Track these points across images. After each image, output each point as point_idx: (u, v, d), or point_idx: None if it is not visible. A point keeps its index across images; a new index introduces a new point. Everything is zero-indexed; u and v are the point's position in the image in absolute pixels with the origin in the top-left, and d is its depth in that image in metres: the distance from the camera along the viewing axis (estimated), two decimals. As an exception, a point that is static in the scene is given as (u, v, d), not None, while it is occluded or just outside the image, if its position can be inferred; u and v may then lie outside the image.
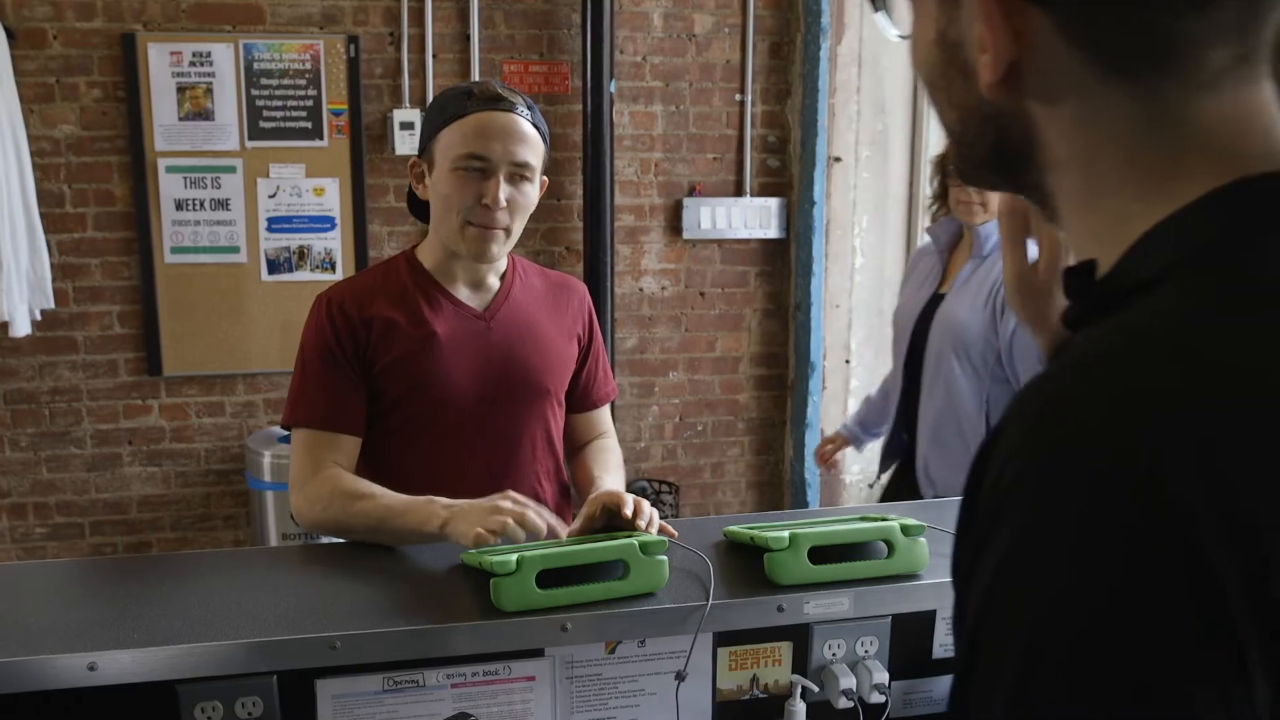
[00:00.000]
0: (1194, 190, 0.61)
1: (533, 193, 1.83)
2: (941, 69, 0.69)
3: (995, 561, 0.57)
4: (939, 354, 2.58)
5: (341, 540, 1.83)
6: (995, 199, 2.39)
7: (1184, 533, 0.52)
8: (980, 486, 0.61)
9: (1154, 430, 0.53)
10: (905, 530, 1.61)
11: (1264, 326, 0.56)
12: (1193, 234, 0.60)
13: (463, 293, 1.90)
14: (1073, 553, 0.54)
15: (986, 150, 0.70)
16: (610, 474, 1.96)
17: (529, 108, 1.82)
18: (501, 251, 1.85)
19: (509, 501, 1.62)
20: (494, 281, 1.93)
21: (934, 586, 1.61)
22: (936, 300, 2.66)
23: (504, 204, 1.78)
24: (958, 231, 2.69)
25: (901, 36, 0.74)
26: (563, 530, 1.68)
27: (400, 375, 1.85)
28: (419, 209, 1.98)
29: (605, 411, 2.11)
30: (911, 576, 1.61)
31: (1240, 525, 0.52)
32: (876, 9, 0.75)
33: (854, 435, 3.12)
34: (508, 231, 1.82)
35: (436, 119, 1.81)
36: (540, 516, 1.60)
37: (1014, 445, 0.58)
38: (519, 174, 1.80)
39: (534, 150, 1.81)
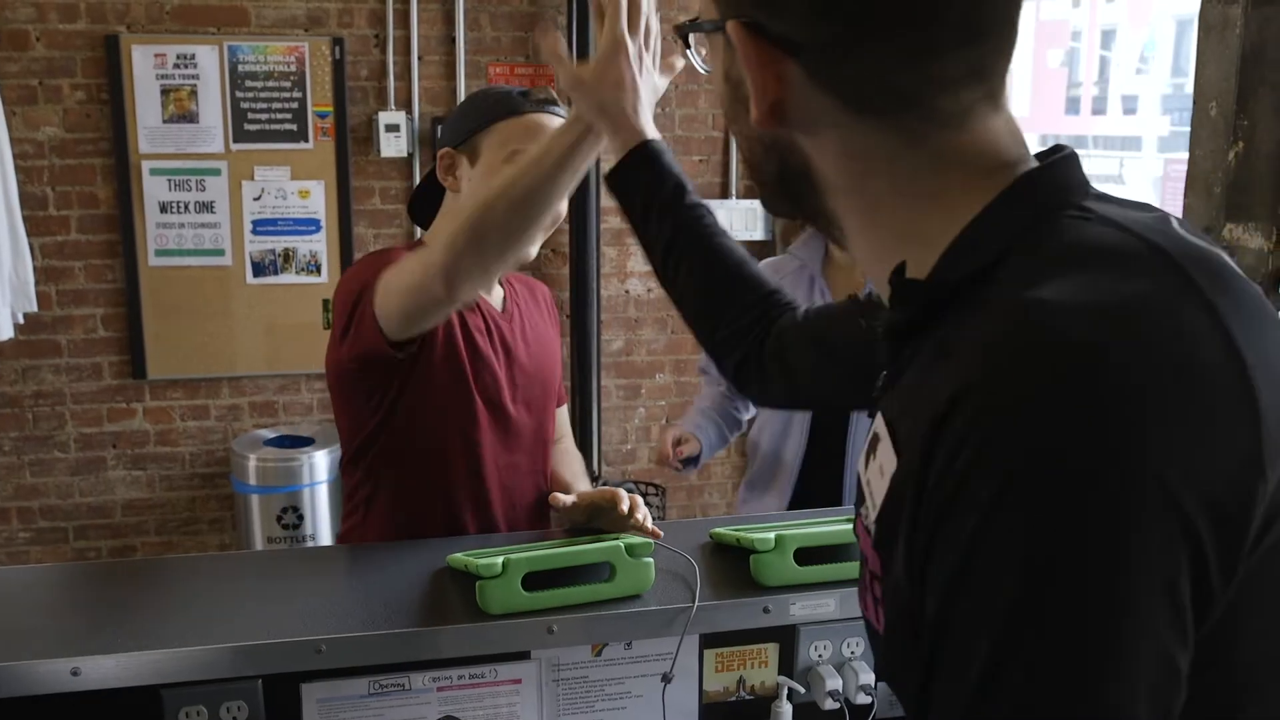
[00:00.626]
0: (969, 200, 0.69)
1: None
2: (730, 102, 0.78)
3: (965, 537, 0.59)
4: None
5: (331, 545, 1.81)
6: None
7: (1154, 482, 0.56)
8: (929, 469, 0.62)
9: (1091, 392, 0.58)
10: (891, 531, 1.62)
11: (1094, 282, 0.62)
12: (1003, 229, 0.68)
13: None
14: (1046, 517, 0.57)
15: (772, 176, 0.78)
16: (580, 480, 1.97)
17: None
18: (537, 249, 1.81)
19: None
20: (497, 285, 1.92)
21: (920, 587, 1.61)
22: None
23: None
24: (824, 252, 2.42)
25: (707, 71, 0.83)
26: None
27: (434, 373, 1.76)
28: (422, 209, 1.93)
29: (565, 412, 2.11)
30: (897, 577, 1.61)
31: (1194, 464, 0.57)
32: (686, 47, 0.84)
33: (706, 449, 2.46)
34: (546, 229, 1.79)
35: (487, 112, 1.78)
36: None
37: (969, 420, 0.60)
38: None
39: None
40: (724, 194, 4.24)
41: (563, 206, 1.66)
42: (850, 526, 1.69)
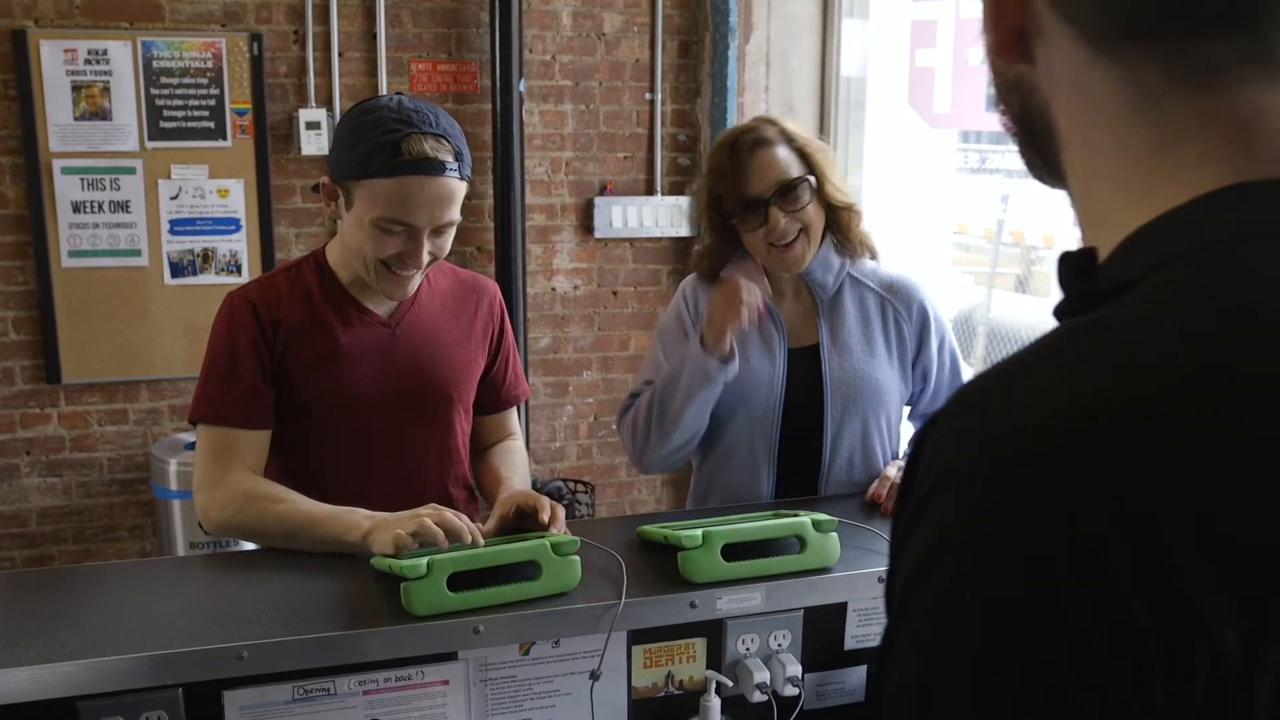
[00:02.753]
0: (1184, 190, 0.57)
1: (451, 236, 1.82)
2: (987, 35, 0.69)
3: (904, 576, 0.55)
4: (865, 426, 2.07)
5: (251, 546, 1.80)
6: (816, 241, 2.03)
7: (1097, 577, 0.48)
8: (912, 480, 0.58)
9: (1072, 454, 0.50)
10: (817, 525, 1.64)
11: (1221, 354, 0.51)
12: (1174, 240, 0.56)
13: (369, 299, 1.88)
14: (967, 595, 0.51)
15: (1018, 120, 0.69)
16: (517, 476, 1.96)
17: (457, 157, 1.74)
18: (414, 288, 1.85)
19: (429, 508, 1.62)
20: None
21: (845, 579, 1.63)
22: (800, 358, 2.07)
23: (426, 260, 1.78)
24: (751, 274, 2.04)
25: None
26: (480, 538, 1.67)
27: (304, 384, 1.84)
28: None
29: (513, 413, 2.11)
30: (823, 570, 1.63)
31: (1159, 569, 0.48)
32: None
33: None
34: (420, 269, 1.80)
35: (359, 164, 1.71)
36: (460, 519, 1.60)
37: (938, 445, 0.56)
38: (442, 229, 1.78)
39: (459, 202, 1.77)
40: (649, 190, 4.25)
41: None
42: (775, 523, 1.70)
